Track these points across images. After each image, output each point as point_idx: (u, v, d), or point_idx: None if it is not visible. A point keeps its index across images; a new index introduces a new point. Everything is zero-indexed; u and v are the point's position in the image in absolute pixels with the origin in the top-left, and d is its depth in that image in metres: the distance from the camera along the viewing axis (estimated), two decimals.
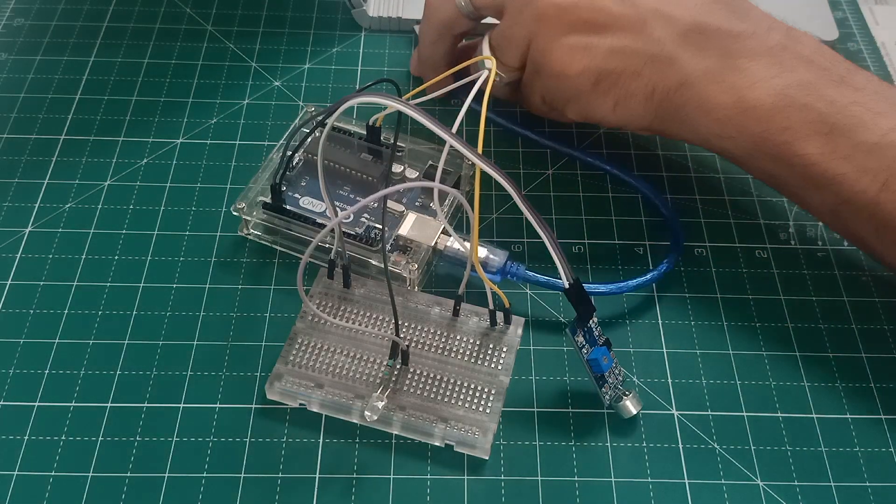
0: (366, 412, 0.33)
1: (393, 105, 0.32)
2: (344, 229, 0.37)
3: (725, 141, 0.36)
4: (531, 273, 0.37)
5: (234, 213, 0.38)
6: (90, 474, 0.33)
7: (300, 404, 0.34)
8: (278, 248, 0.39)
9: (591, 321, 0.33)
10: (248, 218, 0.38)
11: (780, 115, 0.34)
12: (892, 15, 0.54)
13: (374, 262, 0.37)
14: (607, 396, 0.34)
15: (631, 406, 0.34)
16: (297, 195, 0.39)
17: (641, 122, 0.38)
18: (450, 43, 0.43)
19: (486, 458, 0.33)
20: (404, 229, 0.37)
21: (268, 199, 0.38)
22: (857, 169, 0.34)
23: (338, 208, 0.38)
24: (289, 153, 0.37)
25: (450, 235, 0.37)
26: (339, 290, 0.37)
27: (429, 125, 0.31)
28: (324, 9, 0.51)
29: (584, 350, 0.33)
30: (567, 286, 0.32)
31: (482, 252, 0.37)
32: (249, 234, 0.40)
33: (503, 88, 0.41)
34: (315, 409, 0.34)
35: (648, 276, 0.38)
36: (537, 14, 0.37)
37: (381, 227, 0.37)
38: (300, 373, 0.34)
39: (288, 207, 0.38)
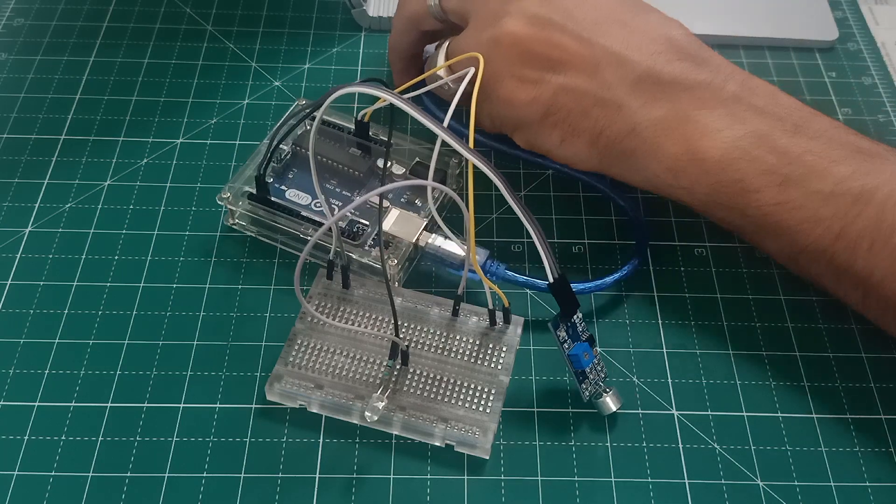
0: (366, 412, 0.33)
1: (385, 96, 0.31)
2: (314, 218, 0.37)
3: (678, 190, 0.36)
4: (510, 272, 0.37)
5: (220, 203, 0.38)
6: (90, 474, 0.33)
7: (300, 405, 0.34)
8: (263, 239, 0.39)
9: (574, 317, 0.33)
10: (234, 208, 0.39)
11: (732, 167, 0.34)
12: (892, 15, 0.54)
13: (355, 257, 0.37)
14: (587, 392, 0.34)
15: (611, 403, 0.34)
16: (283, 187, 0.39)
17: (589, 161, 0.37)
18: (416, 37, 0.43)
19: (487, 458, 0.33)
20: (387, 225, 0.37)
21: (253, 190, 0.38)
22: (812, 218, 0.33)
23: (333, 206, 0.38)
24: (274, 144, 0.38)
25: (432, 232, 0.37)
26: (339, 290, 0.37)
27: (420, 118, 0.31)
28: (324, 9, 0.52)
29: (566, 345, 0.33)
30: (551, 280, 0.32)
31: (461, 250, 0.37)
32: (234, 225, 0.40)
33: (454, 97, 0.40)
34: (315, 410, 0.34)
35: (620, 273, 0.38)
36: (495, 39, 0.37)
37: (364, 222, 0.38)
38: (300, 374, 0.34)
39: (273, 199, 0.38)
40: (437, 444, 0.34)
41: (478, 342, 0.35)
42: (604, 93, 0.36)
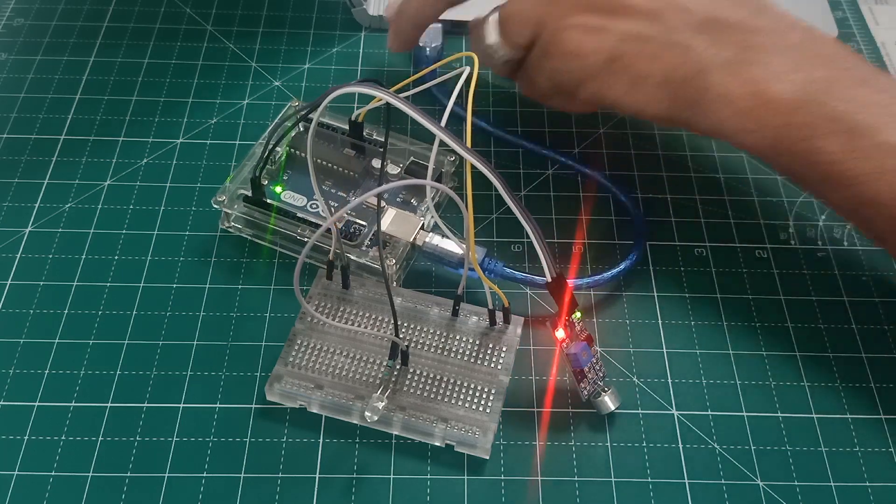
0: (366, 413, 0.33)
1: (381, 95, 0.31)
2: (322, 224, 0.37)
3: (746, 135, 0.35)
4: (508, 270, 0.37)
5: (215, 206, 0.38)
6: (90, 474, 0.33)
7: (300, 405, 0.34)
8: (259, 241, 0.39)
9: (572, 316, 0.33)
10: (229, 211, 0.38)
11: (801, 111, 0.34)
12: (892, 15, 0.54)
13: (353, 258, 0.37)
14: (585, 392, 0.34)
15: (609, 402, 0.34)
16: (276, 189, 0.39)
17: (658, 107, 0.37)
18: (441, 8, 0.42)
19: (487, 457, 0.33)
20: (384, 225, 0.37)
21: (248, 193, 0.38)
22: (878, 169, 0.33)
23: (331, 207, 0.38)
24: (270, 146, 0.37)
25: (429, 231, 0.37)
26: (338, 290, 0.37)
27: (417, 117, 0.31)
28: (324, 9, 0.51)
29: (565, 345, 0.33)
30: (549, 280, 0.33)
31: (458, 248, 0.37)
32: (230, 228, 0.39)
33: (503, 67, 0.40)
34: (315, 410, 0.34)
35: (619, 269, 0.38)
36: None
37: (361, 222, 0.38)
38: (300, 374, 0.34)
39: (269, 201, 0.38)
40: (437, 443, 0.34)
41: (478, 342, 0.35)
42: (669, 36, 0.36)
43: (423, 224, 0.38)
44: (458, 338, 0.35)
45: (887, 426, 0.35)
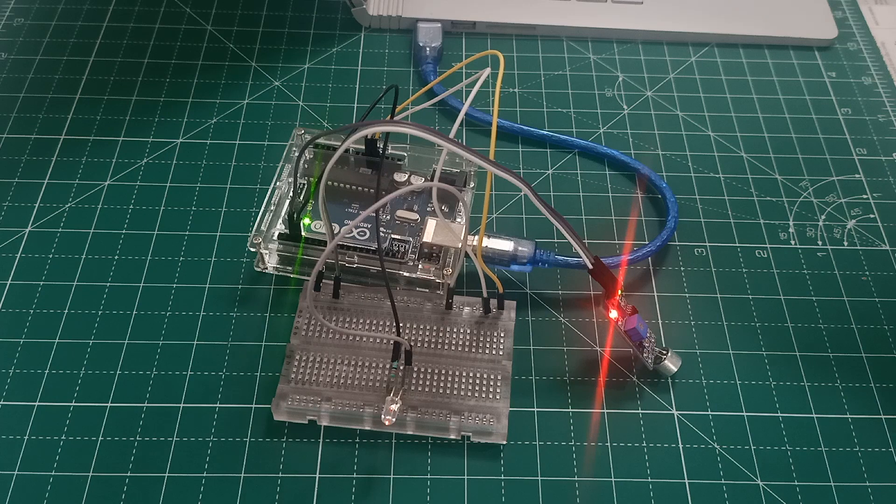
0: (384, 417, 0.32)
1: (414, 132, 0.30)
2: (359, 245, 0.36)
3: None
4: (560, 257, 0.38)
5: (252, 249, 0.37)
6: (90, 474, 0.33)
7: (309, 420, 0.34)
8: (303, 277, 0.38)
9: (617, 295, 0.34)
10: (266, 251, 0.37)
11: None
12: (892, 15, 0.54)
13: (404, 275, 0.36)
14: (650, 360, 0.35)
15: (671, 365, 0.35)
16: (305, 221, 0.38)
17: None
18: None
19: (504, 442, 0.33)
20: (427, 236, 0.37)
21: (283, 230, 0.37)
22: None
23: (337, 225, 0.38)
24: (324, 181, 0.35)
25: (473, 235, 0.37)
26: (328, 300, 0.36)
27: (445, 144, 0.31)
28: (324, 9, 0.52)
29: (621, 323, 0.34)
30: (591, 266, 0.34)
31: (509, 245, 0.37)
32: (266, 269, 0.38)
33: None
34: (325, 423, 0.34)
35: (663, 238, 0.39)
36: None
37: (403, 239, 0.37)
38: (304, 389, 0.34)
39: (307, 236, 0.37)
40: (454, 437, 0.34)
41: (475, 331, 0.35)
42: None
43: (465, 229, 0.36)
44: (455, 330, 0.36)
45: (887, 426, 0.35)
